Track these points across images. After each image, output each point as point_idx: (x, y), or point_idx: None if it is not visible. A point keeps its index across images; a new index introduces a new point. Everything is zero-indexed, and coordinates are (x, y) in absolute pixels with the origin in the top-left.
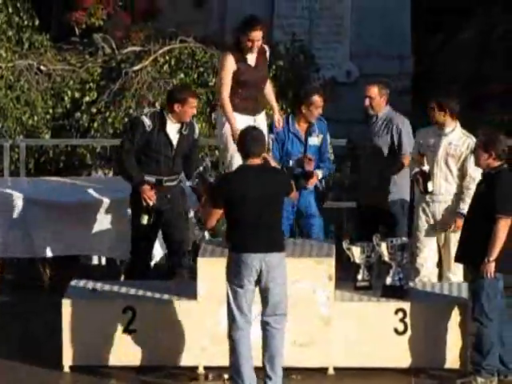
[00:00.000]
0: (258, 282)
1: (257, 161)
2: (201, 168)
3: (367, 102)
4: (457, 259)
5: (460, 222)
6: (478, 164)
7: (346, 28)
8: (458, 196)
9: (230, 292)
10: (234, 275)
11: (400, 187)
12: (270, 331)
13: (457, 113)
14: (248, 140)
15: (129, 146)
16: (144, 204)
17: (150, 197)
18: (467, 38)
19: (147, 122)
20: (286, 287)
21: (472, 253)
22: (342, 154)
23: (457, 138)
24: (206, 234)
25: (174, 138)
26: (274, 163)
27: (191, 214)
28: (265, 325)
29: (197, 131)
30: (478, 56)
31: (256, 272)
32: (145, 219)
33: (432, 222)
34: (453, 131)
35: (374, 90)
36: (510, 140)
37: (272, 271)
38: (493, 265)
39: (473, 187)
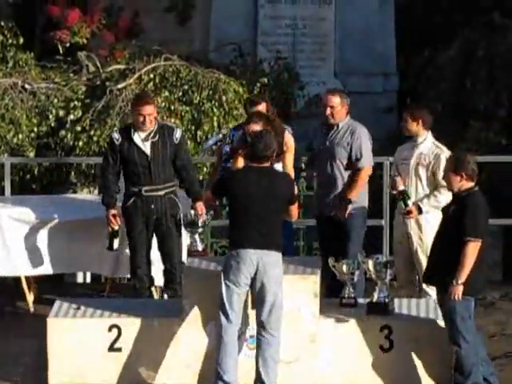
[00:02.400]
0: (253, 280)
1: (265, 164)
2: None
3: (328, 111)
4: (425, 280)
5: (413, 213)
6: (451, 188)
7: (329, 45)
8: (426, 196)
9: (223, 290)
10: (232, 272)
11: (359, 198)
12: (266, 338)
13: (429, 123)
14: (258, 144)
15: (105, 166)
16: (110, 229)
17: (111, 222)
18: (452, 55)
19: (116, 136)
20: (282, 290)
21: (442, 275)
22: None
23: (427, 148)
24: (197, 238)
25: (145, 146)
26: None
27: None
28: (261, 330)
29: (177, 135)
30: (462, 73)
31: (254, 268)
32: (114, 243)
33: (405, 234)
34: (424, 141)
35: (335, 100)
36: (493, 157)
37: (269, 270)
38: (461, 288)
39: (443, 194)
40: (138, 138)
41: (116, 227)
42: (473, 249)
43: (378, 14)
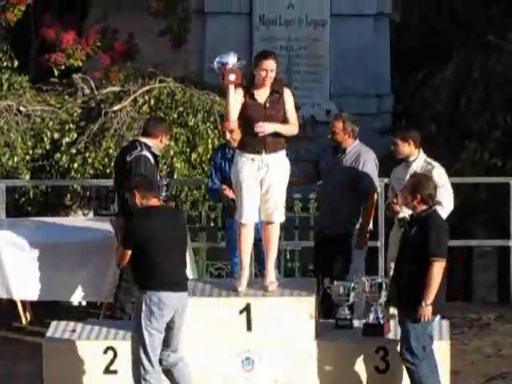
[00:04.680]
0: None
1: (156, 201)
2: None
3: (330, 135)
4: (389, 303)
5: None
6: (405, 205)
7: (324, 67)
8: None
9: (146, 336)
10: (155, 318)
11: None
12: (179, 366)
13: (418, 142)
14: (143, 183)
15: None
16: None
17: None
18: (447, 76)
19: (151, 157)
20: None
21: (405, 296)
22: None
23: (419, 166)
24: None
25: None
26: (230, 194)
27: None
28: (172, 365)
29: None
30: (458, 94)
31: (173, 312)
32: None
33: None
34: (416, 160)
35: (338, 125)
36: (488, 178)
37: (185, 310)
38: (430, 308)
39: (439, 210)
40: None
41: None
42: (439, 268)
43: (372, 35)
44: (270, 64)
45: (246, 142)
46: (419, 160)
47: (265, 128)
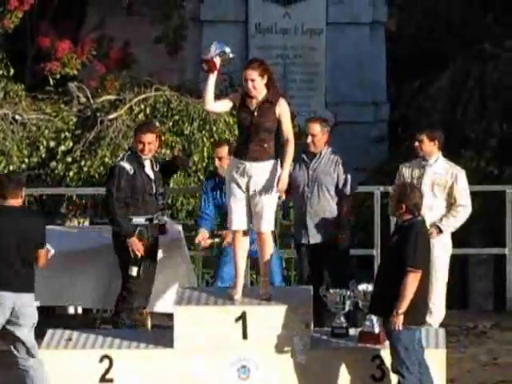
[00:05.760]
0: (7, 321)
1: (15, 202)
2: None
3: (309, 139)
4: (370, 310)
5: (433, 233)
6: (391, 213)
7: (320, 75)
8: (444, 215)
9: None
10: None
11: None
12: (30, 373)
13: (442, 143)
14: (5, 182)
15: (116, 196)
16: (132, 256)
17: (139, 249)
18: (443, 85)
19: (128, 166)
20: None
21: (385, 305)
22: None
23: (441, 168)
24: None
25: (151, 174)
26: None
27: None
28: (27, 369)
29: (157, 165)
30: (454, 102)
31: (9, 311)
32: (134, 271)
33: None
34: (436, 161)
35: (316, 128)
36: (484, 186)
37: (24, 311)
38: (401, 317)
39: (461, 211)
40: (148, 167)
41: (142, 253)
42: (413, 279)
43: (368, 43)
44: (249, 73)
45: (237, 147)
46: (440, 162)
47: (284, 183)
